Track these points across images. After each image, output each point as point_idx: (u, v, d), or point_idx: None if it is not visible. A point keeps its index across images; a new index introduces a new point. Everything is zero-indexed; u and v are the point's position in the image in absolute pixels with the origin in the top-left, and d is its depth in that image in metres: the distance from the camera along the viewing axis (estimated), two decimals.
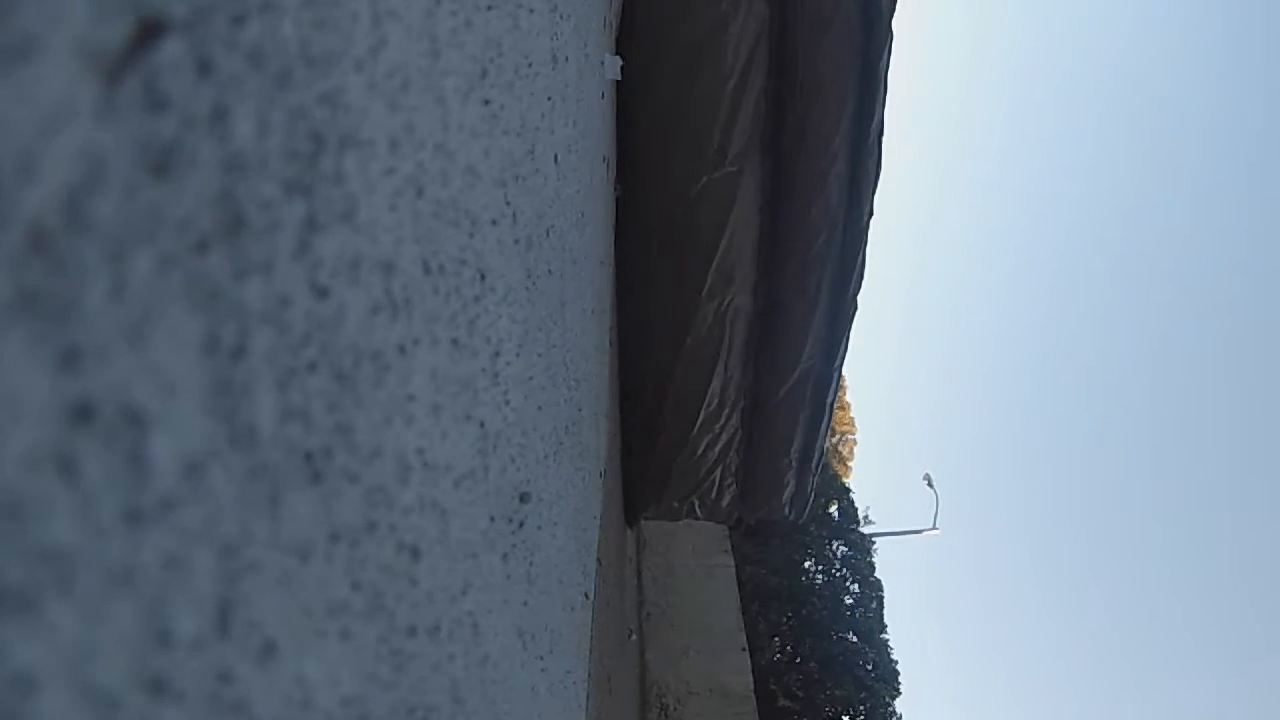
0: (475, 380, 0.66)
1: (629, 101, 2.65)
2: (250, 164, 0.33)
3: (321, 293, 0.39)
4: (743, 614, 5.20)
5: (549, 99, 1.04)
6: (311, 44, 0.37)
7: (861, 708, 6.11)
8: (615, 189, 2.69)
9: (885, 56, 2.58)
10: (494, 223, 0.72)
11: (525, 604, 0.91)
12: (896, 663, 6.43)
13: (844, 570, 6.82)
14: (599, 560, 2.05)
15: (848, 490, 7.51)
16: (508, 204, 0.78)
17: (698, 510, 3.64)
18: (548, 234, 1.06)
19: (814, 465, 3.54)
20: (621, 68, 2.30)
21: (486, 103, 0.68)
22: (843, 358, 3.20)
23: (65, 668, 0.23)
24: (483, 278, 0.68)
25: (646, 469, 3.42)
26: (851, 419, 14.65)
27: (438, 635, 0.56)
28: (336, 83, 0.40)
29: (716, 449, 3.37)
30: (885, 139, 2.73)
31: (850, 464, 14.37)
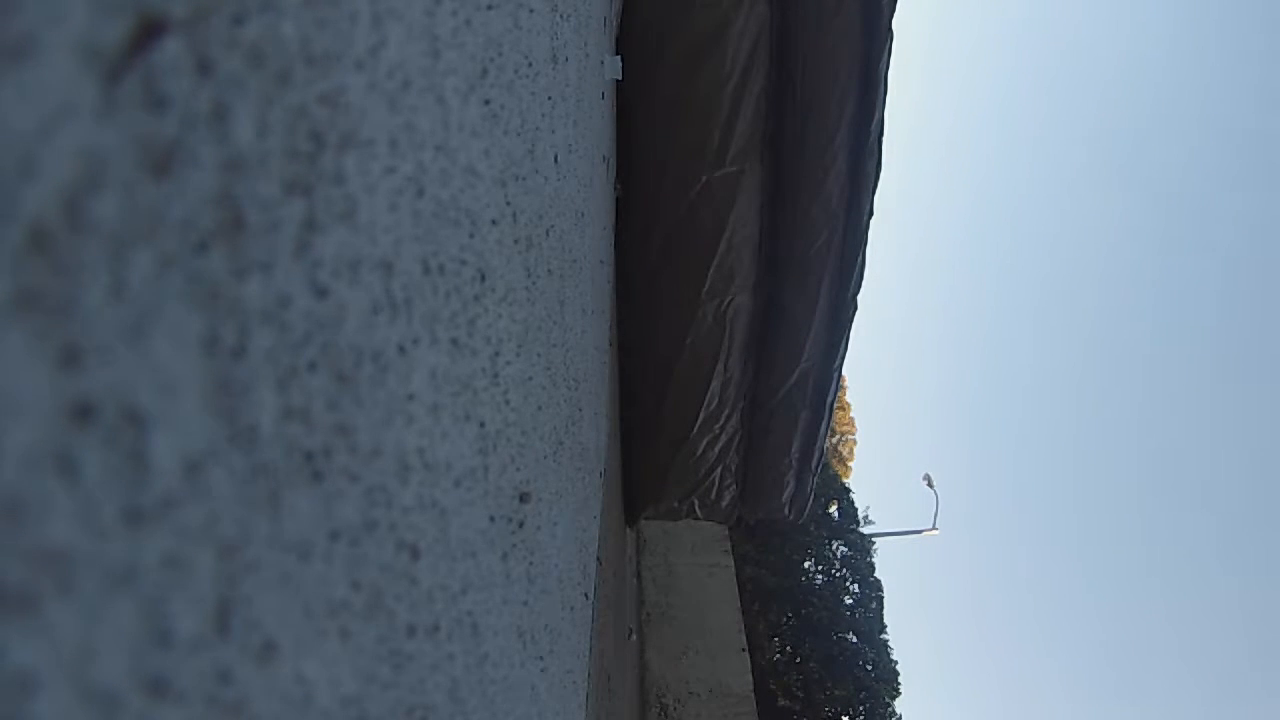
0: (475, 380, 0.66)
1: (629, 101, 2.65)
2: (250, 164, 0.33)
3: (321, 292, 0.39)
4: (743, 614, 5.20)
5: (549, 99, 1.04)
6: (311, 43, 0.37)
7: (861, 708, 6.11)
8: (615, 189, 2.69)
9: (885, 56, 2.58)
10: (494, 223, 0.72)
11: (525, 604, 0.91)
12: (896, 663, 6.43)
13: (844, 570, 6.82)
14: (599, 560, 2.05)
15: (848, 490, 7.51)
16: (508, 204, 0.78)
17: (698, 510, 3.64)
18: (548, 234, 1.06)
19: (814, 465, 3.54)
20: (622, 67, 2.30)
21: (487, 102, 0.68)
22: (843, 358, 3.20)
23: (65, 668, 0.23)
24: (483, 278, 0.68)
25: (646, 469, 3.42)
26: (851, 419, 14.67)
27: (437, 635, 0.56)
28: (336, 82, 0.40)
29: (716, 449, 3.37)
30: (885, 139, 2.73)
31: (850, 464, 14.40)
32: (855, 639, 6.40)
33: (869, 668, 6.26)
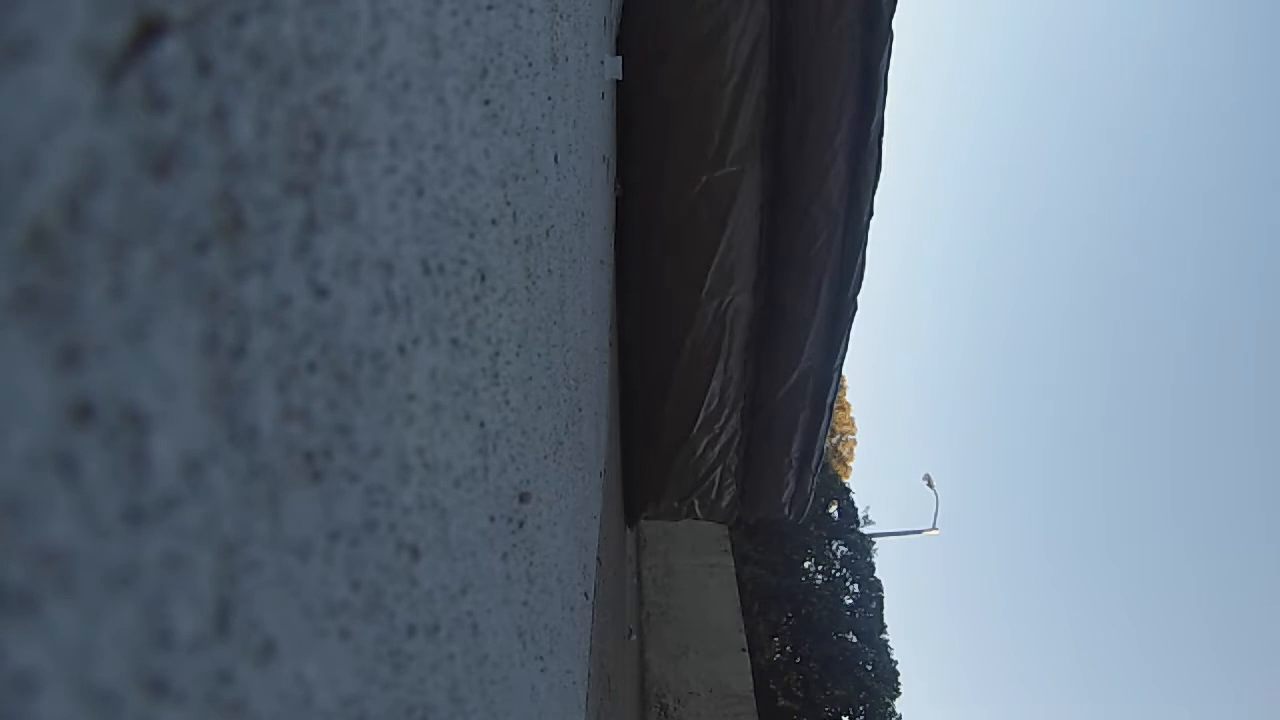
0: (475, 380, 0.66)
1: (629, 101, 2.65)
2: (250, 164, 0.33)
3: (321, 292, 0.39)
4: (743, 614, 5.20)
5: (549, 99, 1.04)
6: (311, 43, 0.37)
7: (861, 708, 6.12)
8: (615, 189, 2.69)
9: (885, 56, 2.58)
10: (494, 223, 0.72)
11: (525, 604, 0.91)
12: (896, 663, 6.44)
13: (844, 570, 6.82)
14: (599, 560, 2.05)
15: (848, 490, 7.52)
16: (508, 204, 0.78)
17: (698, 510, 3.64)
18: (548, 234, 1.06)
19: (814, 465, 3.54)
20: (622, 67, 2.30)
21: (487, 102, 0.68)
22: (843, 358, 3.20)
23: (65, 668, 0.23)
24: (483, 278, 0.68)
25: (646, 469, 3.42)
26: (851, 419, 14.69)
27: (437, 635, 0.56)
28: (336, 82, 0.40)
29: (716, 449, 3.37)
30: (886, 139, 2.73)
31: (850, 464, 14.41)
32: (855, 639, 6.40)
33: (869, 668, 6.26)
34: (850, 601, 6.67)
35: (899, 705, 6.28)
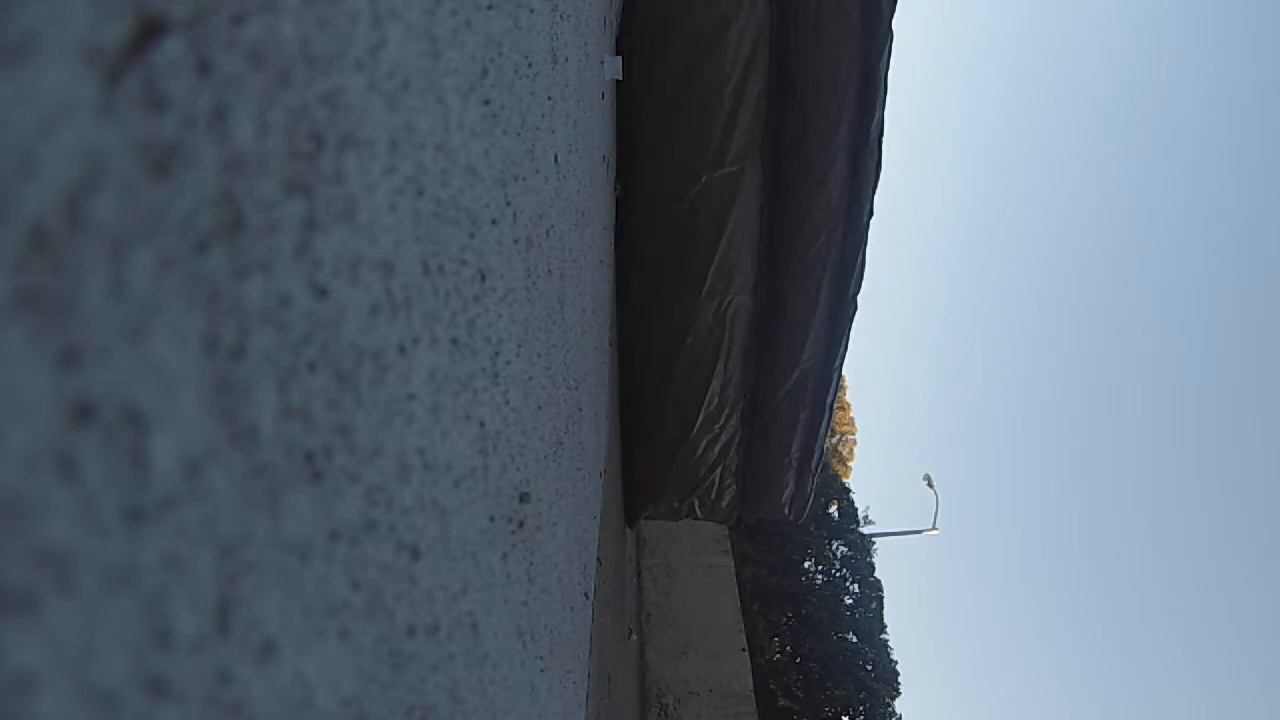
0: (475, 380, 0.66)
1: (629, 101, 2.65)
2: (250, 164, 0.33)
3: (321, 292, 0.39)
4: (743, 614, 5.19)
5: (549, 99, 1.04)
6: (311, 44, 0.37)
7: (861, 708, 6.11)
8: (615, 189, 2.69)
9: (885, 57, 2.58)
10: (494, 223, 0.72)
11: (525, 604, 0.91)
12: (896, 663, 6.44)
13: (844, 570, 6.82)
14: (599, 560, 2.05)
15: (848, 490, 7.52)
16: (508, 204, 0.78)
17: (697, 510, 3.64)
18: (548, 234, 1.06)
19: (814, 465, 3.53)
20: (622, 67, 2.30)
21: (487, 102, 0.68)
22: (843, 358, 3.19)
23: (65, 668, 0.23)
24: (483, 278, 0.68)
25: (646, 469, 3.42)
26: (851, 419, 14.69)
27: (437, 635, 0.56)
28: (336, 82, 0.40)
29: (716, 449, 3.37)
30: (885, 139, 2.73)
31: (850, 464, 14.41)
32: (855, 639, 6.40)
33: (869, 668, 6.26)
34: (850, 601, 6.67)
35: (899, 705, 6.28)
